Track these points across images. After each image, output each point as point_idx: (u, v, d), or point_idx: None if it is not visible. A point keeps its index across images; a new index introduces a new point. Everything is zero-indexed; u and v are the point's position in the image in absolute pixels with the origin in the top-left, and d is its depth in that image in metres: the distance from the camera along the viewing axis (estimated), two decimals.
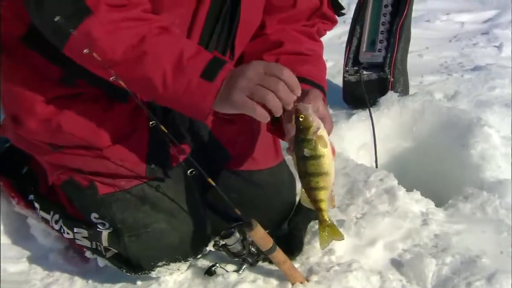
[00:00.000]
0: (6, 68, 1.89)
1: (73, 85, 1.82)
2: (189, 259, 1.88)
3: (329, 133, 1.65)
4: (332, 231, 1.69)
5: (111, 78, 1.60)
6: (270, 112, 1.54)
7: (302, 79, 1.72)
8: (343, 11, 2.08)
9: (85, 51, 1.55)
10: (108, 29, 1.57)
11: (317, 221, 1.79)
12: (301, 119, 1.57)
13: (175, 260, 1.85)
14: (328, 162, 1.61)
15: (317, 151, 1.59)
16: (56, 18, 1.56)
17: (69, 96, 1.84)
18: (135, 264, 1.84)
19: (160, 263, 1.84)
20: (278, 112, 1.54)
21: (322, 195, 1.64)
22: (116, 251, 1.85)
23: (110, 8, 1.57)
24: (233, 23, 1.85)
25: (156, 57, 1.58)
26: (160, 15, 1.67)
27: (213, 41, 1.85)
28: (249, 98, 1.51)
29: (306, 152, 1.60)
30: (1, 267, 1.98)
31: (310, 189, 1.64)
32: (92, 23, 1.55)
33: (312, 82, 1.80)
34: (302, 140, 1.59)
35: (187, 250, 1.87)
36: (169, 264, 1.84)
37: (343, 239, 1.76)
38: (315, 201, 1.65)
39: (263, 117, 1.54)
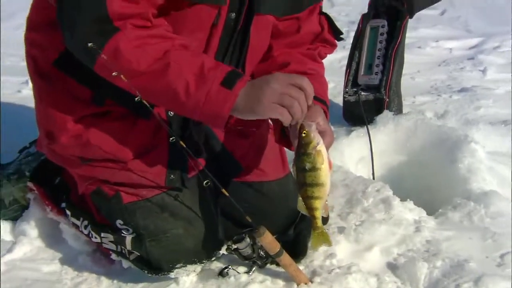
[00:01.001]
0: (41, 90, 1.90)
1: (102, 104, 1.82)
2: (203, 261, 1.87)
3: (330, 145, 1.68)
4: (323, 237, 1.70)
5: (136, 99, 1.61)
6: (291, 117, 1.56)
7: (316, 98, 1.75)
8: (342, 36, 2.08)
9: (113, 74, 1.55)
10: (134, 44, 1.57)
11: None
12: (303, 135, 1.58)
13: (191, 262, 1.84)
14: (324, 175, 1.61)
15: (315, 164, 1.59)
16: (89, 44, 1.56)
17: (97, 114, 1.83)
18: (156, 266, 1.84)
19: (178, 265, 1.83)
20: (300, 118, 1.56)
21: (317, 204, 1.64)
22: (139, 254, 1.85)
23: (136, 27, 1.57)
24: (243, 47, 1.85)
25: (179, 68, 1.57)
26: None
27: (225, 62, 1.82)
28: (277, 104, 1.53)
29: (305, 164, 1.60)
30: (36, 268, 1.99)
31: (307, 198, 1.64)
32: (119, 38, 1.56)
33: (316, 97, 1.74)
34: (302, 153, 1.60)
35: (202, 254, 1.86)
36: (186, 266, 1.84)
37: (330, 246, 1.81)
38: (310, 208, 1.65)
39: (288, 121, 1.56)
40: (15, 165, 2.22)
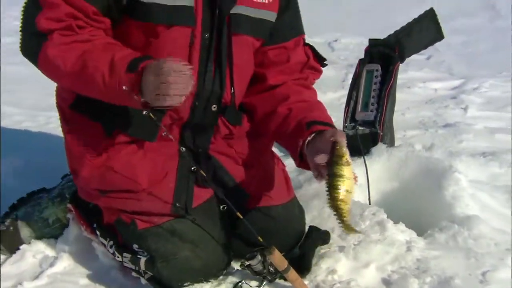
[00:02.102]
0: (66, 132, 1.95)
1: (111, 135, 1.83)
2: (210, 280, 1.87)
3: None
4: (351, 230, 1.69)
5: (143, 113, 1.63)
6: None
7: (317, 122, 1.79)
8: (325, 62, 2.09)
9: (124, 88, 1.57)
10: (60, 49, 1.64)
11: (325, 247, 1.92)
12: (338, 148, 1.60)
13: (199, 281, 1.85)
14: (352, 182, 1.62)
15: (347, 172, 1.60)
16: (27, 54, 1.74)
17: (111, 146, 1.84)
18: (167, 285, 1.84)
19: (186, 284, 1.84)
20: (182, 97, 1.55)
21: (344, 205, 1.62)
22: (152, 274, 1.84)
23: (62, 35, 1.64)
24: (230, 67, 1.85)
25: (95, 63, 1.60)
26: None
27: (210, 81, 1.84)
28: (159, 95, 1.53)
29: (340, 172, 1.59)
30: (74, 281, 1.97)
31: (337, 200, 1.61)
32: (47, 46, 1.64)
33: (327, 123, 1.81)
34: (337, 162, 1.60)
35: (209, 273, 1.87)
36: (193, 284, 1.84)
37: (359, 233, 1.87)
38: (340, 209, 1.62)
39: (175, 104, 1.55)
40: (58, 189, 2.22)
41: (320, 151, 1.65)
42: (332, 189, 1.61)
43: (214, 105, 1.87)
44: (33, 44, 1.69)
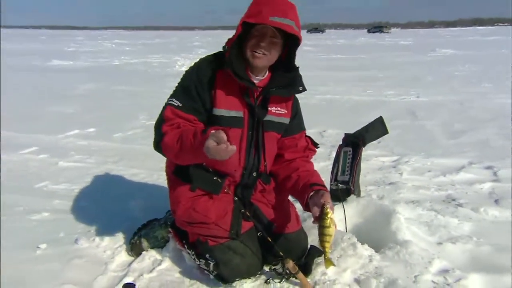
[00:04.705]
0: (169, 187, 1.95)
1: (194, 190, 1.82)
2: (250, 277, 1.83)
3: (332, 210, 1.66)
4: (331, 262, 1.69)
5: (214, 178, 1.68)
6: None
7: (316, 184, 1.77)
8: (318, 145, 2.05)
9: (187, 155, 1.58)
10: (170, 138, 1.63)
11: (321, 258, 1.83)
12: (325, 209, 1.60)
13: (244, 277, 1.82)
14: (332, 230, 1.62)
15: (330, 225, 1.60)
16: (156, 147, 1.72)
17: (194, 197, 1.83)
18: (226, 279, 1.81)
19: (237, 279, 1.81)
20: (224, 157, 1.46)
21: (328, 244, 1.64)
22: (217, 273, 1.81)
23: (171, 131, 1.65)
24: (263, 150, 1.84)
25: (186, 135, 1.58)
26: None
27: (252, 157, 1.82)
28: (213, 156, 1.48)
29: (325, 224, 1.60)
30: (171, 274, 1.94)
31: (323, 241, 1.63)
32: (165, 138, 1.65)
33: (322, 185, 1.80)
34: (323, 218, 1.60)
35: (250, 273, 1.83)
36: (240, 280, 1.81)
37: (334, 266, 1.78)
38: (323, 246, 1.64)
39: (221, 159, 1.47)
40: (164, 218, 2.24)
41: (316, 205, 1.65)
42: (319, 234, 1.63)
43: (254, 173, 1.87)
44: (158, 140, 1.70)
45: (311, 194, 1.73)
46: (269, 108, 1.79)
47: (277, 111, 1.82)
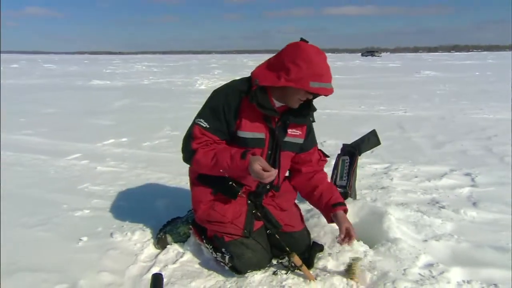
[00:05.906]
0: (191, 190, 1.94)
1: (216, 194, 1.83)
2: (261, 269, 1.82)
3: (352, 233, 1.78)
4: (357, 278, 1.74)
5: (229, 183, 1.69)
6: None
7: (338, 204, 1.86)
8: (328, 156, 2.06)
9: (221, 170, 1.62)
10: (202, 155, 1.66)
11: (321, 253, 1.87)
12: (353, 261, 1.72)
13: (255, 269, 1.80)
14: (358, 272, 1.72)
15: (356, 272, 1.71)
16: (187, 161, 1.74)
17: (214, 199, 1.83)
18: (239, 271, 1.81)
19: (249, 270, 1.80)
20: (264, 180, 1.58)
21: (356, 278, 1.73)
22: (231, 265, 1.81)
23: (202, 148, 1.67)
24: (278, 166, 1.82)
25: (221, 158, 1.63)
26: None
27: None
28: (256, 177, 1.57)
29: (354, 277, 1.71)
30: (191, 265, 1.93)
31: (352, 279, 1.72)
32: (196, 155, 1.67)
33: (342, 203, 1.87)
34: (353, 266, 1.72)
35: (260, 266, 1.82)
36: (251, 271, 1.80)
37: (357, 281, 1.74)
38: (352, 278, 1.73)
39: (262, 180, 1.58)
40: (186, 216, 2.22)
41: (341, 230, 1.78)
42: (348, 274, 1.73)
43: (268, 185, 1.89)
44: (189, 156, 1.72)
45: (334, 213, 1.84)
46: (287, 131, 1.81)
47: (293, 133, 1.83)
